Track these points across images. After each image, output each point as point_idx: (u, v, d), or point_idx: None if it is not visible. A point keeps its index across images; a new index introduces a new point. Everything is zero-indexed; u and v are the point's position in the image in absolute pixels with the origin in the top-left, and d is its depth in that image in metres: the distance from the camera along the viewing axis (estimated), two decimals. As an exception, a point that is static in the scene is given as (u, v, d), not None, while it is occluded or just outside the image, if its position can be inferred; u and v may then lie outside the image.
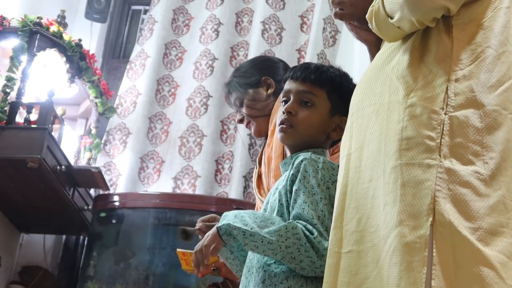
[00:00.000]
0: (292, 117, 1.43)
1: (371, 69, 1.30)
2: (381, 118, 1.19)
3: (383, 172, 1.13)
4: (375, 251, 1.10)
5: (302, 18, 3.74)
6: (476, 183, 1.09)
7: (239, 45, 3.68)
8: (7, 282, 2.92)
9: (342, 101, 1.43)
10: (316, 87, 1.45)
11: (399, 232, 1.05)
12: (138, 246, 2.94)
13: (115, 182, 3.26)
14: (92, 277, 2.90)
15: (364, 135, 1.21)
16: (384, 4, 1.18)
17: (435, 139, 1.11)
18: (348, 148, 1.26)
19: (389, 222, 1.08)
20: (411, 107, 1.14)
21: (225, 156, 3.36)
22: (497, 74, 1.18)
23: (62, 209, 2.77)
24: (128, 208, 3.04)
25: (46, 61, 2.90)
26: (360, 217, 1.16)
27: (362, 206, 1.16)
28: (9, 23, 2.71)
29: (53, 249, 3.23)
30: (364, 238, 1.14)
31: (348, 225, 1.18)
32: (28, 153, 2.40)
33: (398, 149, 1.12)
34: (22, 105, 2.56)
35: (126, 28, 4.15)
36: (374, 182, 1.15)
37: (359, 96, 1.29)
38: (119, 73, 3.86)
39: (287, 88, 1.48)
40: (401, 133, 1.13)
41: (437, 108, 1.13)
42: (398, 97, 1.17)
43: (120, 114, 3.46)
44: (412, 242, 1.04)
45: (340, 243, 1.18)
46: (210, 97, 3.43)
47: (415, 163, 1.10)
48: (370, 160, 1.17)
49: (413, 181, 1.08)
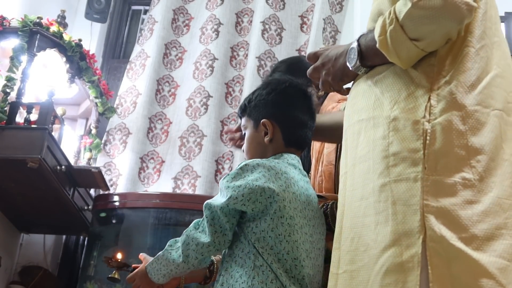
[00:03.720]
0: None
1: (355, 85, 1.29)
2: (368, 134, 1.17)
3: (372, 190, 1.11)
4: (366, 270, 1.09)
5: (302, 18, 3.74)
6: (464, 191, 1.06)
7: (239, 45, 3.68)
8: (7, 282, 2.92)
9: (255, 108, 1.57)
10: (243, 117, 1.62)
11: (393, 253, 1.04)
12: (138, 246, 2.94)
13: (115, 182, 3.26)
14: (92, 277, 2.90)
15: (355, 152, 1.20)
16: (405, 29, 1.12)
17: (419, 150, 1.08)
18: (345, 166, 1.25)
19: (382, 241, 1.06)
20: (394, 121, 1.12)
21: (225, 156, 3.36)
22: (476, 72, 1.15)
23: (62, 209, 2.76)
24: (128, 208, 3.04)
25: (46, 61, 2.90)
26: (353, 236, 1.14)
27: (355, 224, 1.15)
28: (9, 23, 2.71)
29: (53, 249, 3.22)
30: (356, 257, 1.12)
31: (344, 245, 1.17)
32: (28, 153, 2.39)
33: (386, 166, 1.10)
34: (22, 105, 2.56)
35: (126, 28, 4.15)
36: (364, 201, 1.13)
37: (348, 112, 1.28)
38: (119, 73, 3.86)
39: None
40: (388, 149, 1.11)
41: (419, 118, 1.10)
42: (382, 112, 1.16)
43: (120, 114, 3.46)
44: (405, 261, 1.02)
45: (338, 264, 1.17)
46: (210, 97, 3.43)
47: (403, 178, 1.07)
48: (361, 178, 1.16)
49: (402, 198, 1.06)
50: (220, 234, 1.37)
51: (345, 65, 1.30)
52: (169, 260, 1.43)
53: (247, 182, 1.37)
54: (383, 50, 1.17)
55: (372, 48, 1.22)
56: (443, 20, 1.10)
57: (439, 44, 1.15)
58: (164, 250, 1.47)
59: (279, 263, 1.34)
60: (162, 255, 1.46)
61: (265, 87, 1.60)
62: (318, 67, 1.38)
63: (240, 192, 1.36)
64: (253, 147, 1.56)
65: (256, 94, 1.59)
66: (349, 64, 1.28)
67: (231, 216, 1.38)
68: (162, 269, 1.45)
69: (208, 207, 1.39)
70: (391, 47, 1.15)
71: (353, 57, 1.26)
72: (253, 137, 1.56)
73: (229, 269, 1.38)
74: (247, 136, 1.58)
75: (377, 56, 1.21)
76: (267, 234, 1.35)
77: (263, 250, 1.35)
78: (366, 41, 1.24)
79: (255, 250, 1.36)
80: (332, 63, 1.34)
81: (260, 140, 1.54)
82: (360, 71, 1.27)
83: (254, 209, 1.36)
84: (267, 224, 1.36)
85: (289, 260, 1.34)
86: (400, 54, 1.15)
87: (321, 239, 1.49)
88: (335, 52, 1.35)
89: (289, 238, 1.35)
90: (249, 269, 1.34)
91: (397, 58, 1.16)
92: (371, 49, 1.22)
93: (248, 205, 1.36)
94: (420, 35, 1.12)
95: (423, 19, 1.10)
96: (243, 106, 1.61)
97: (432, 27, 1.11)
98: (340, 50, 1.33)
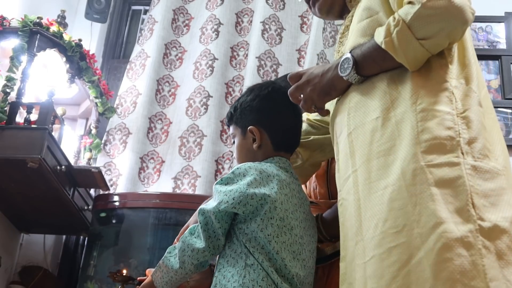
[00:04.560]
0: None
1: (359, 90, 1.32)
2: (389, 129, 1.21)
3: (401, 176, 1.15)
4: (403, 249, 1.11)
5: (302, 18, 3.74)
6: (497, 177, 1.15)
7: (239, 45, 3.68)
8: (7, 282, 2.92)
9: (241, 115, 1.58)
10: (231, 126, 1.63)
11: (447, 228, 1.07)
12: (138, 246, 2.94)
13: (115, 182, 3.26)
14: (92, 277, 2.90)
15: (370, 148, 1.24)
16: (412, 29, 1.19)
17: (454, 137, 1.15)
18: (351, 166, 1.28)
19: (428, 220, 1.10)
20: (422, 112, 1.18)
21: (225, 156, 3.36)
22: (475, 70, 1.28)
23: (62, 209, 2.77)
24: (128, 208, 3.04)
25: (46, 61, 2.90)
26: (377, 222, 1.17)
27: (379, 211, 1.18)
28: (9, 23, 2.71)
29: (53, 249, 3.22)
30: (383, 240, 1.14)
31: (368, 233, 1.19)
32: (28, 153, 2.39)
33: (418, 152, 1.15)
34: (22, 105, 2.56)
35: (126, 28, 4.15)
36: (390, 187, 1.17)
37: (354, 115, 1.31)
38: (119, 73, 3.86)
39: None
40: (418, 137, 1.16)
41: (449, 109, 1.18)
42: (404, 107, 1.21)
43: (120, 114, 3.46)
44: (464, 236, 1.07)
45: (363, 253, 1.19)
46: (210, 97, 3.43)
47: (442, 163, 1.13)
48: (382, 170, 1.20)
49: (445, 180, 1.12)
50: (214, 239, 1.39)
51: (334, 78, 1.35)
52: (168, 267, 1.46)
53: (239, 186, 1.39)
54: (390, 50, 1.22)
55: (370, 56, 1.28)
56: (449, 19, 1.18)
57: (443, 44, 1.22)
58: (164, 257, 1.49)
59: (270, 262, 1.35)
60: (162, 263, 1.48)
61: (249, 93, 1.61)
62: (302, 84, 1.41)
63: (231, 196, 1.38)
64: (243, 155, 1.57)
65: (241, 101, 1.60)
66: (342, 74, 1.32)
67: (224, 221, 1.39)
68: (164, 277, 1.47)
69: (202, 212, 1.41)
70: (398, 47, 1.21)
71: (347, 66, 1.31)
72: (242, 144, 1.58)
73: (221, 270, 1.40)
74: (236, 144, 1.59)
75: (375, 64, 1.28)
76: (257, 234, 1.37)
77: (254, 249, 1.36)
78: (362, 51, 1.30)
79: (246, 250, 1.37)
80: (319, 79, 1.38)
81: (249, 147, 1.55)
82: (354, 80, 1.32)
83: (245, 211, 1.38)
84: (257, 224, 1.37)
85: (278, 260, 1.36)
86: (407, 54, 1.21)
87: (312, 241, 1.50)
88: (321, 69, 1.40)
89: (277, 239, 1.37)
90: (240, 268, 1.35)
91: (404, 58, 1.22)
92: (369, 57, 1.28)
93: (239, 208, 1.37)
94: (427, 34, 1.19)
95: (431, 18, 1.18)
96: (230, 114, 1.63)
97: (439, 26, 1.19)
98: (326, 66, 1.39)
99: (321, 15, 1.62)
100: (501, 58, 3.52)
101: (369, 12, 1.35)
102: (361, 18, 1.37)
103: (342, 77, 1.33)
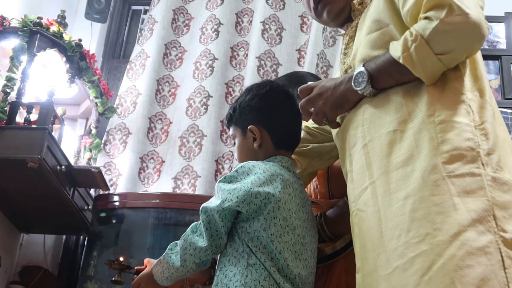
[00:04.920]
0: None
1: (373, 102, 1.33)
2: (408, 141, 1.23)
3: (422, 186, 1.16)
4: (425, 257, 1.12)
5: (302, 18, 3.74)
6: None
7: (239, 45, 3.68)
8: (7, 282, 2.92)
9: (241, 115, 1.58)
10: (230, 127, 1.63)
11: (469, 237, 1.09)
12: (138, 246, 2.94)
13: (115, 182, 3.26)
14: (92, 277, 2.90)
15: (388, 160, 1.25)
16: (430, 44, 1.21)
17: (474, 148, 1.17)
18: (369, 177, 1.29)
19: (450, 228, 1.11)
20: (442, 124, 1.20)
21: (225, 156, 3.36)
22: (487, 82, 1.31)
23: (62, 209, 2.76)
24: (128, 208, 3.04)
25: (46, 61, 2.90)
26: (400, 233, 1.18)
27: (400, 222, 1.18)
28: (9, 23, 2.71)
29: (53, 249, 3.22)
30: (407, 250, 1.15)
31: (390, 244, 1.20)
32: (28, 153, 2.39)
33: (439, 163, 1.16)
34: (22, 105, 2.56)
35: (126, 28, 4.15)
36: (411, 198, 1.17)
37: (369, 127, 1.32)
38: (119, 73, 3.86)
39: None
40: (438, 148, 1.18)
41: (467, 121, 1.20)
42: (421, 119, 1.23)
43: (120, 114, 3.46)
44: (484, 246, 1.08)
45: (387, 264, 1.19)
46: (210, 97, 3.43)
47: (463, 173, 1.15)
48: (402, 181, 1.21)
49: (467, 191, 1.13)
50: (217, 237, 1.39)
51: (347, 91, 1.36)
52: (169, 264, 1.45)
53: (243, 184, 1.39)
54: (408, 65, 1.24)
55: (385, 70, 1.30)
56: (467, 34, 1.21)
57: (460, 59, 1.25)
58: (165, 253, 1.48)
59: (272, 262, 1.35)
60: (163, 259, 1.48)
61: (247, 93, 1.61)
62: (314, 97, 1.42)
63: (235, 195, 1.38)
64: (244, 155, 1.57)
65: (240, 102, 1.60)
66: (357, 88, 1.34)
67: (227, 220, 1.39)
68: (164, 272, 1.47)
69: (204, 211, 1.40)
70: (416, 62, 1.23)
71: (362, 80, 1.33)
72: (243, 144, 1.58)
73: (223, 268, 1.40)
74: (237, 144, 1.60)
75: (391, 77, 1.30)
76: (260, 233, 1.37)
77: (256, 249, 1.36)
78: (377, 64, 1.31)
79: (248, 249, 1.37)
80: (331, 92, 1.39)
81: (250, 147, 1.55)
82: (368, 93, 1.33)
83: (248, 210, 1.38)
84: (260, 223, 1.37)
85: (281, 260, 1.36)
86: (425, 68, 1.23)
87: (313, 241, 1.50)
88: (333, 82, 1.41)
89: (280, 239, 1.37)
90: (242, 268, 1.35)
91: (422, 72, 1.24)
92: (384, 71, 1.30)
93: (243, 206, 1.37)
94: (445, 49, 1.22)
95: (449, 33, 1.20)
96: (229, 115, 1.63)
97: (457, 41, 1.21)
98: (338, 79, 1.40)
99: (328, 18, 1.59)
100: (501, 58, 3.52)
101: (379, 25, 1.37)
102: (370, 30, 1.38)
103: (357, 90, 1.34)
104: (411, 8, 1.29)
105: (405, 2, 1.31)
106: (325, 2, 1.57)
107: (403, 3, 1.32)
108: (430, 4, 1.23)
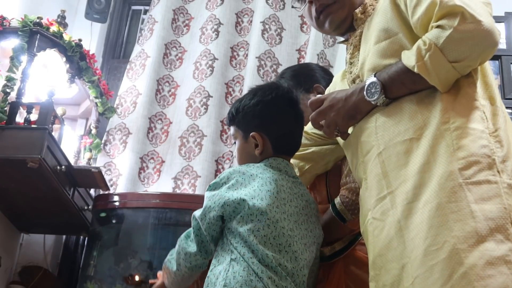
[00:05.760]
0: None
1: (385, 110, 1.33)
2: (424, 148, 1.23)
3: (440, 192, 1.17)
4: (444, 265, 1.12)
5: (302, 18, 3.74)
6: None
7: (239, 45, 3.68)
8: (7, 282, 2.92)
9: (244, 119, 1.60)
10: (232, 127, 1.65)
11: (488, 247, 1.09)
12: (138, 246, 2.94)
13: (115, 182, 3.26)
14: (92, 277, 2.90)
15: (405, 170, 1.25)
16: (444, 52, 1.22)
17: (490, 155, 1.18)
18: (386, 187, 1.28)
19: (470, 236, 1.11)
20: (457, 131, 1.20)
21: (225, 156, 3.36)
22: (497, 89, 1.32)
23: (62, 209, 2.76)
24: (128, 208, 3.04)
25: (46, 61, 2.90)
26: (418, 242, 1.18)
27: (420, 231, 1.18)
28: (9, 23, 2.71)
29: (53, 249, 3.22)
30: (425, 258, 1.15)
31: (413, 254, 1.20)
32: (28, 153, 2.39)
33: (455, 169, 1.17)
34: (22, 105, 2.56)
35: (126, 28, 4.15)
36: (428, 205, 1.18)
37: (383, 135, 1.32)
38: (119, 73, 3.86)
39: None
40: (455, 155, 1.18)
41: (482, 128, 1.21)
42: (436, 126, 1.23)
43: (120, 114, 3.46)
44: (504, 255, 1.09)
45: (410, 275, 1.19)
46: (210, 97, 3.43)
47: (480, 180, 1.15)
48: (419, 188, 1.21)
49: (484, 198, 1.13)
50: (206, 243, 1.47)
51: (360, 102, 1.36)
52: (168, 269, 1.55)
53: (220, 190, 1.47)
54: (423, 74, 1.25)
55: (398, 79, 1.30)
56: (480, 42, 1.22)
57: (473, 66, 1.26)
58: (166, 260, 1.56)
59: (252, 254, 1.39)
60: (165, 265, 1.56)
61: (252, 97, 1.61)
62: (325, 109, 1.42)
63: (213, 200, 1.46)
64: (244, 158, 1.61)
65: (244, 104, 1.61)
66: (370, 98, 1.34)
67: (213, 225, 1.46)
68: (168, 278, 1.57)
69: (194, 218, 1.49)
70: (431, 70, 1.24)
71: (375, 91, 1.33)
72: (243, 148, 1.61)
73: (213, 269, 1.45)
74: (238, 147, 1.62)
75: (404, 87, 1.30)
76: (239, 230, 1.42)
77: (237, 244, 1.41)
78: (389, 74, 1.32)
79: (232, 246, 1.42)
80: (343, 103, 1.39)
81: (250, 151, 1.58)
82: (381, 103, 1.33)
83: (224, 212, 1.45)
84: (237, 221, 1.43)
85: (259, 251, 1.39)
86: (440, 76, 1.24)
87: (309, 235, 1.51)
88: (343, 93, 1.41)
89: (258, 233, 1.41)
90: (226, 264, 1.40)
91: (437, 80, 1.24)
92: (397, 80, 1.30)
93: (219, 210, 1.45)
94: (459, 56, 1.22)
95: (462, 41, 1.21)
96: (231, 115, 1.64)
97: (471, 49, 1.22)
98: (349, 90, 1.40)
99: (330, 28, 1.57)
100: (501, 58, 3.52)
101: (388, 34, 1.37)
102: (378, 39, 1.38)
103: (370, 101, 1.34)
104: (421, 16, 1.29)
105: (415, 11, 1.31)
106: (327, 12, 1.55)
107: (412, 12, 1.32)
108: (441, 13, 1.24)
